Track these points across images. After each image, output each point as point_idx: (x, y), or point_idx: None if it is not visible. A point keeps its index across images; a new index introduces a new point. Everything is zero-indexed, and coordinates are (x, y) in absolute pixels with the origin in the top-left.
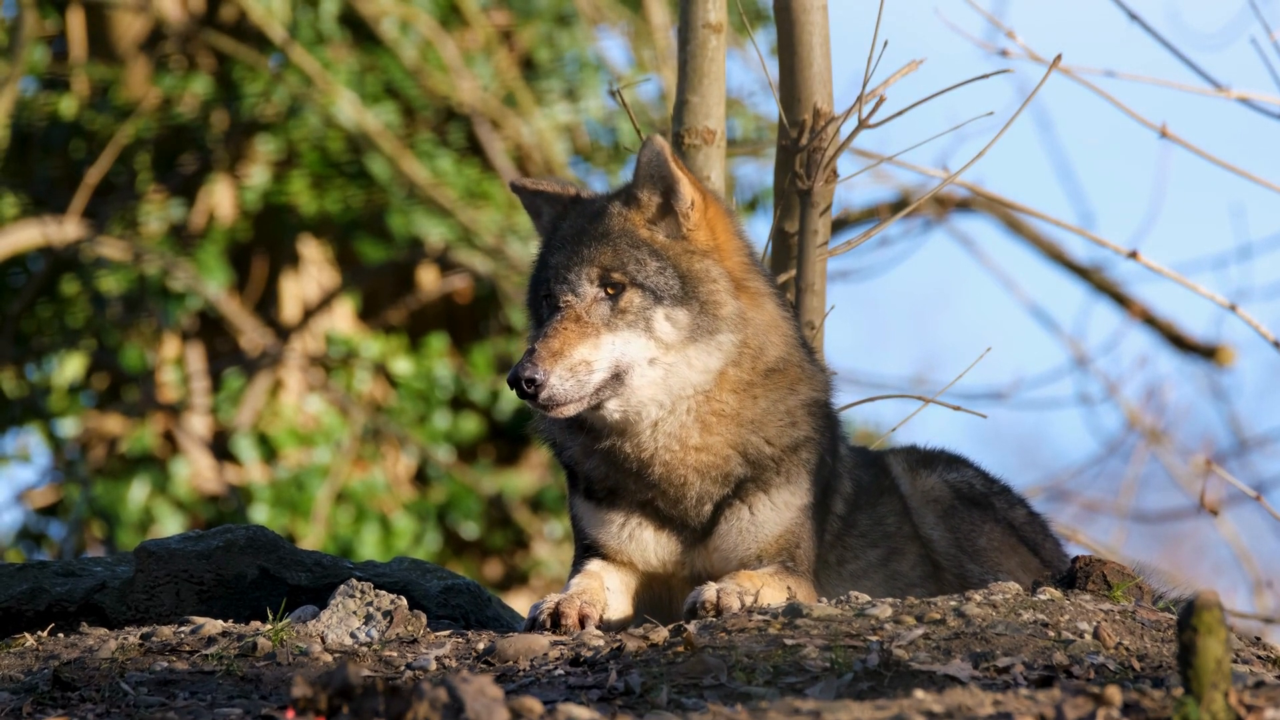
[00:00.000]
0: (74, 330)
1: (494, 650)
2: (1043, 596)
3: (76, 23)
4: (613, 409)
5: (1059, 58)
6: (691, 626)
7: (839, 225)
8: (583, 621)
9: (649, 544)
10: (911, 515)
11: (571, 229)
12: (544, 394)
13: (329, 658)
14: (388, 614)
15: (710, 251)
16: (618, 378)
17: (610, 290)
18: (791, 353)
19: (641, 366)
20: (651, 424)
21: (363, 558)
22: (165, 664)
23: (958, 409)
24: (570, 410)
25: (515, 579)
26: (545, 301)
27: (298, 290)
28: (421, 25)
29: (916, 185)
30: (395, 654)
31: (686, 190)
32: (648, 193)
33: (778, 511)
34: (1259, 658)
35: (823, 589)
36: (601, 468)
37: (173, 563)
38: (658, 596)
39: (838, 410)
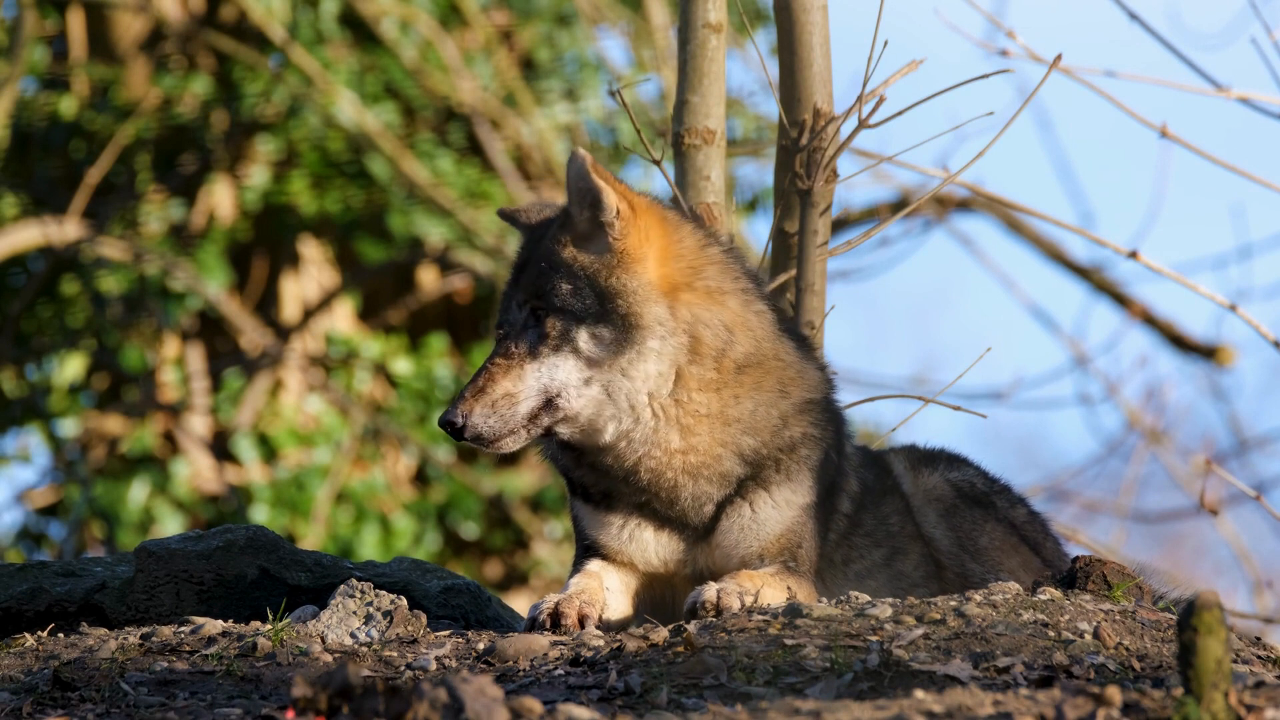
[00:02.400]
0: (74, 330)
1: (494, 650)
2: (1043, 596)
3: (76, 23)
4: (564, 432)
5: (1059, 58)
6: (691, 626)
7: (839, 225)
8: (582, 621)
9: (649, 544)
10: (914, 514)
11: (518, 258)
12: (468, 434)
13: (329, 658)
14: (388, 614)
15: (641, 259)
16: (550, 404)
17: (534, 319)
18: (764, 347)
19: (576, 388)
20: (620, 435)
21: (363, 558)
22: (165, 664)
23: (958, 409)
24: (509, 443)
25: (515, 579)
26: None
27: (298, 290)
28: (421, 25)
29: (916, 185)
30: (395, 654)
31: (610, 199)
32: (578, 209)
33: (779, 510)
34: (1259, 658)
35: (827, 588)
36: (592, 475)
37: (173, 563)
38: (659, 596)
39: (841, 409)
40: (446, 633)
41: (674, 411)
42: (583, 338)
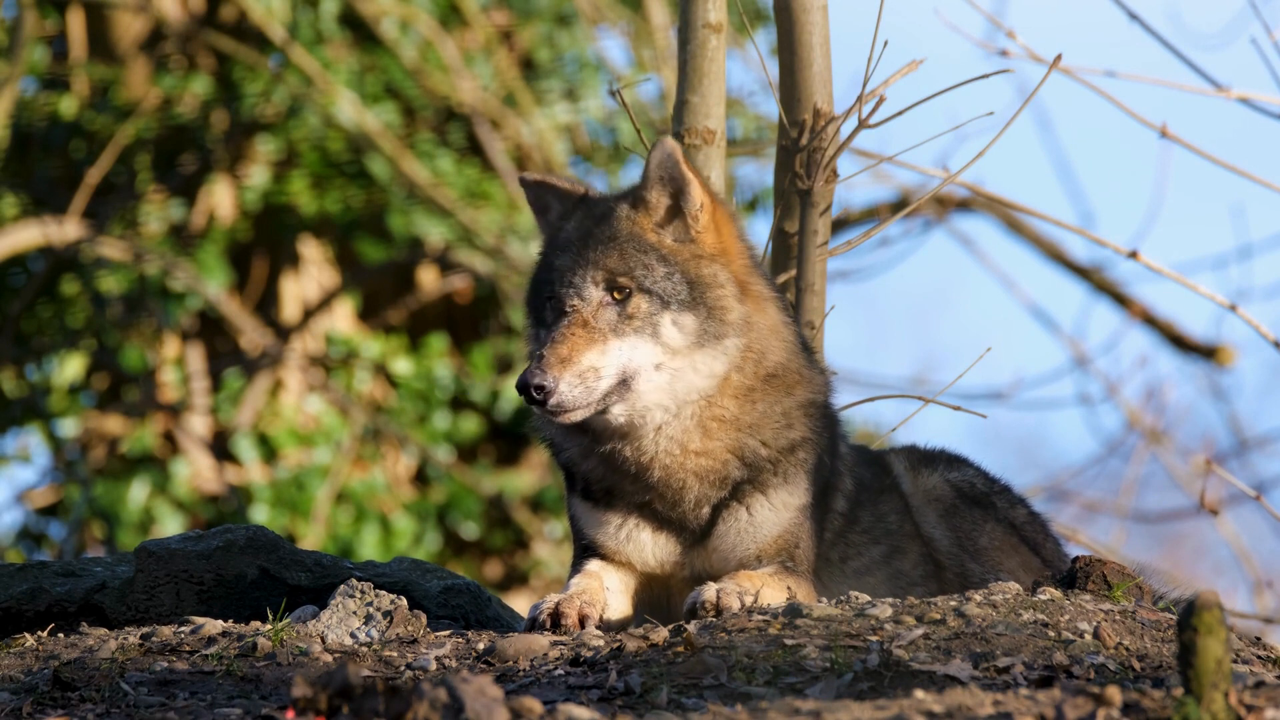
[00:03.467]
0: (74, 330)
1: (494, 650)
2: (1043, 596)
3: (76, 23)
4: (618, 414)
5: (1059, 58)
6: (691, 626)
7: (839, 225)
8: (583, 621)
9: (647, 545)
10: (913, 514)
11: (577, 231)
12: (553, 401)
13: (329, 658)
14: (388, 614)
15: (718, 255)
16: (625, 383)
17: (617, 295)
18: (791, 358)
19: (648, 372)
20: (655, 428)
21: (363, 558)
22: (165, 664)
23: (958, 409)
24: (578, 416)
25: (515, 579)
26: (549, 304)
27: (298, 290)
28: (421, 25)
29: (916, 185)
30: (395, 654)
31: (696, 193)
32: (657, 194)
33: (776, 512)
34: (1259, 658)
35: (825, 586)
36: (599, 469)
37: (173, 563)
38: (657, 597)
39: (838, 410)
40: (446, 633)
41: (704, 414)
42: (665, 323)
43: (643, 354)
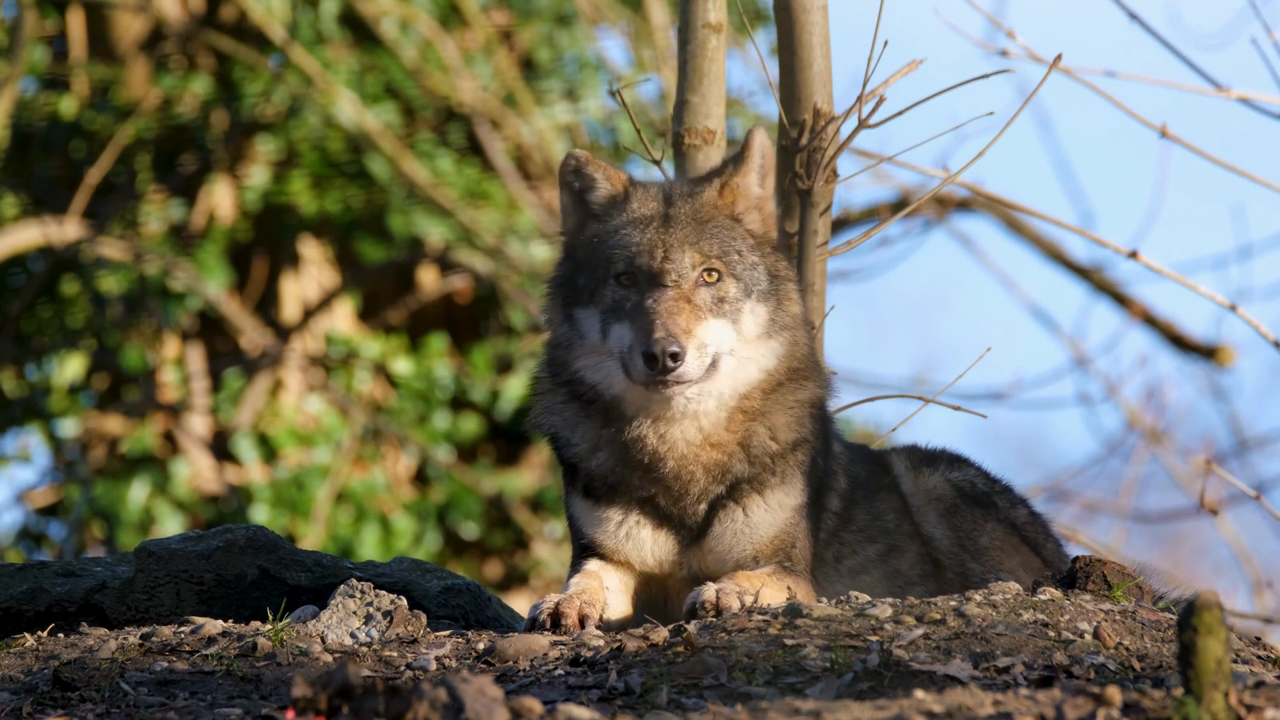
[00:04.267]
0: (74, 330)
1: (494, 650)
2: (1043, 596)
3: (76, 23)
4: (691, 394)
5: (1059, 58)
6: (691, 626)
7: (839, 225)
8: (583, 621)
9: (646, 543)
10: (913, 513)
11: (654, 211)
12: (679, 368)
13: (329, 658)
14: (388, 614)
15: (784, 251)
16: (714, 364)
17: (709, 277)
18: (809, 353)
19: (727, 356)
20: (693, 415)
21: (363, 558)
22: (165, 664)
23: (958, 409)
24: (685, 391)
25: (515, 579)
26: (618, 280)
27: (298, 290)
28: (421, 25)
29: (916, 185)
30: (395, 654)
31: (772, 186)
32: (750, 182)
33: (772, 513)
34: (1259, 658)
35: (821, 586)
36: (609, 462)
37: (173, 563)
38: (655, 598)
39: (835, 410)
40: (446, 633)
41: (737, 405)
42: (746, 310)
43: (727, 338)
